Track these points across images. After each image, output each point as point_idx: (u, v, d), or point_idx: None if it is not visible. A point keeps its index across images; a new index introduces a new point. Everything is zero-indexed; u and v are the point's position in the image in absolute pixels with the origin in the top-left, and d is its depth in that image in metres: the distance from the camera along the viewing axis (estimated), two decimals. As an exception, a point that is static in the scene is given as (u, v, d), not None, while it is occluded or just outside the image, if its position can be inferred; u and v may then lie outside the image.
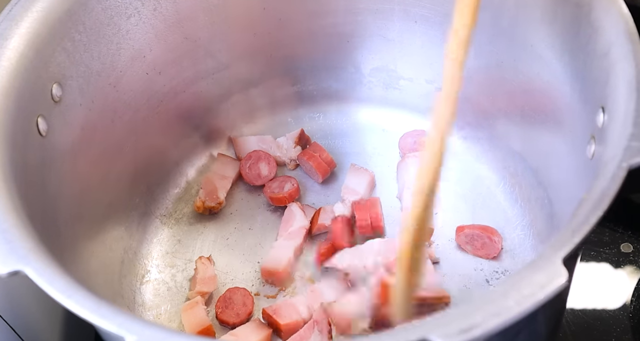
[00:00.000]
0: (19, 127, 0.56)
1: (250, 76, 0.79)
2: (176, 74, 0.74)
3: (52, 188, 0.60)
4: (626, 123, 0.48)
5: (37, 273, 0.47)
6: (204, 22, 0.73)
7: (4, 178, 0.53)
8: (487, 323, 0.42)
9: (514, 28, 0.66)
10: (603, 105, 0.53)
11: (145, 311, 0.71)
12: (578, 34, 0.57)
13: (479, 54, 0.71)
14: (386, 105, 0.81)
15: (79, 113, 0.64)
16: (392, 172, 0.79)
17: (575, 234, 0.45)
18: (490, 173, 0.77)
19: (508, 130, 0.74)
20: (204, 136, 0.80)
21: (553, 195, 0.68)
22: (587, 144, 0.56)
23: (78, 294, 0.47)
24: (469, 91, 0.75)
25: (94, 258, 0.67)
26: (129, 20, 0.68)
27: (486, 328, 0.42)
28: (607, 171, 0.47)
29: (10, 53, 0.58)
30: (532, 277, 0.44)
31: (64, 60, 0.62)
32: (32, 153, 0.57)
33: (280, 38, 0.76)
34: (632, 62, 0.51)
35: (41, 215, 0.56)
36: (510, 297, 0.43)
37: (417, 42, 0.75)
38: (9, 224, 0.50)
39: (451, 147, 0.77)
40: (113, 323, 0.45)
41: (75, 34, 0.63)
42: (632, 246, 0.75)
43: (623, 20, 0.54)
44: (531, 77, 0.67)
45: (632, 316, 0.71)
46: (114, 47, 0.67)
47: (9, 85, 0.57)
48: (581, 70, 0.58)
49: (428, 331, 0.42)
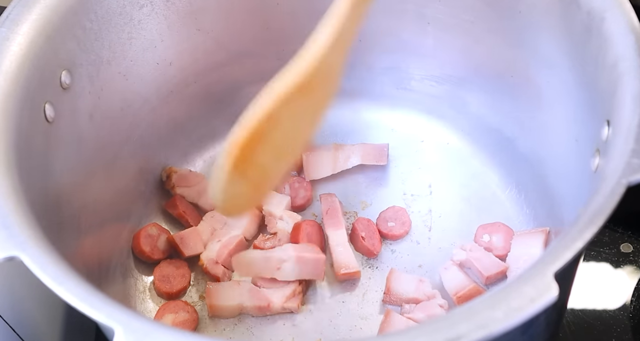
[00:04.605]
0: (25, 112, 0.57)
1: (262, 69, 0.78)
2: (187, 65, 0.74)
3: (56, 175, 0.60)
4: (628, 138, 0.48)
5: (32, 260, 0.48)
6: (217, 14, 0.73)
7: (7, 163, 0.53)
8: (473, 335, 0.42)
9: (526, 34, 0.65)
10: (609, 118, 0.52)
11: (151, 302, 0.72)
12: (589, 44, 0.56)
13: (491, 61, 0.71)
14: (396, 105, 0.81)
15: (88, 101, 0.65)
16: (399, 171, 0.78)
17: (568, 249, 0.44)
18: (496, 178, 0.76)
19: (516, 136, 0.73)
20: (213, 127, 0.80)
21: (560, 203, 0.67)
22: (592, 157, 0.55)
23: (70, 282, 0.47)
24: (479, 96, 0.75)
25: (98, 247, 0.68)
26: (142, 10, 0.68)
27: (471, 339, 0.42)
28: (606, 186, 0.47)
29: (20, 38, 0.58)
30: (522, 290, 0.44)
31: (74, 48, 0.62)
32: (37, 140, 0.58)
33: (292, 33, 0.76)
34: (639, 76, 0.50)
35: (44, 202, 0.56)
36: (499, 309, 0.43)
37: (430, 43, 0.74)
38: (9, 209, 0.50)
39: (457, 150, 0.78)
40: (102, 313, 0.45)
41: (86, 22, 0.63)
42: (632, 246, 0.75)
43: (633, 33, 0.53)
44: (541, 85, 0.66)
45: (632, 317, 0.71)
46: (125, 37, 0.67)
47: (17, 70, 0.57)
48: (590, 81, 0.57)
49: (413, 339, 0.42)
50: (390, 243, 0.74)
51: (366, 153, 0.78)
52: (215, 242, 0.73)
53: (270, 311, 0.69)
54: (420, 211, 0.76)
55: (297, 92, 0.54)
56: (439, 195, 0.77)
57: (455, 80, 0.76)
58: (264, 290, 0.69)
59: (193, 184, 0.77)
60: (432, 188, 0.77)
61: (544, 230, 0.68)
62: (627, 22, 0.54)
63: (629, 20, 0.54)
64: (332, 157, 0.78)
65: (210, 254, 0.72)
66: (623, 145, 0.48)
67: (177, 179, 0.77)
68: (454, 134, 0.79)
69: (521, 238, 0.70)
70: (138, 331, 0.44)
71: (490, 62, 0.71)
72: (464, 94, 0.77)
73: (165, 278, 0.72)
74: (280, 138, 0.56)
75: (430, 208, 0.76)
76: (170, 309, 0.70)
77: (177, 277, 0.72)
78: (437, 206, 0.76)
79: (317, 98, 0.57)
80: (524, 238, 0.69)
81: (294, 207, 0.77)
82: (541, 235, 0.68)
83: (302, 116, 0.56)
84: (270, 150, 0.56)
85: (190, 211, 0.76)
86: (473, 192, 0.76)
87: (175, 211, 0.76)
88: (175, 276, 0.72)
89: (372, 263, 0.73)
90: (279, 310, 0.69)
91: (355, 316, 0.70)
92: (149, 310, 0.72)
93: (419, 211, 0.76)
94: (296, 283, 0.70)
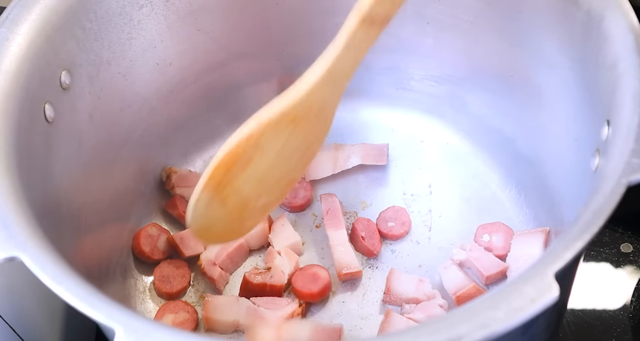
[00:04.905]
0: (25, 112, 0.57)
1: (261, 70, 0.79)
2: (187, 65, 0.74)
3: (56, 175, 0.60)
4: (628, 138, 0.48)
5: (32, 260, 0.48)
6: (217, 14, 0.73)
7: (7, 164, 0.53)
8: (474, 335, 0.42)
9: (526, 34, 0.65)
10: (608, 118, 0.52)
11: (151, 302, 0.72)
12: (588, 44, 0.56)
13: (491, 61, 0.71)
14: (396, 105, 0.81)
15: (87, 101, 0.65)
16: (399, 171, 0.78)
17: (568, 249, 0.44)
18: (496, 178, 0.76)
19: (516, 136, 0.73)
20: (213, 127, 0.80)
21: (560, 203, 0.67)
22: (592, 157, 0.55)
23: (70, 282, 0.47)
24: (479, 95, 0.75)
25: (98, 247, 0.67)
26: (141, 11, 0.68)
27: (472, 339, 0.42)
28: (606, 186, 0.47)
29: (20, 39, 0.58)
30: (523, 290, 0.44)
31: (74, 48, 0.62)
32: (37, 140, 0.58)
33: (292, 33, 0.76)
34: (638, 76, 0.50)
35: (44, 202, 0.56)
36: (499, 309, 0.43)
37: (429, 43, 0.74)
38: (9, 209, 0.50)
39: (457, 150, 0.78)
40: (102, 313, 0.45)
41: (86, 22, 0.63)
42: (632, 246, 0.75)
43: (633, 33, 0.53)
44: (541, 85, 0.66)
45: (633, 317, 0.71)
46: (125, 37, 0.67)
47: (17, 70, 0.57)
48: (590, 80, 0.57)
49: (413, 339, 0.42)
50: (390, 243, 0.74)
51: (366, 153, 0.78)
52: (216, 243, 0.73)
53: None
54: (420, 211, 0.76)
55: (284, 121, 0.55)
56: (439, 195, 0.77)
57: (455, 80, 0.76)
58: (262, 309, 0.68)
59: (193, 184, 0.76)
60: (432, 188, 0.77)
61: (544, 230, 0.68)
62: (627, 22, 0.53)
63: (628, 20, 0.54)
64: (332, 157, 0.78)
65: (210, 255, 0.72)
66: (623, 145, 0.48)
67: (177, 179, 0.77)
68: (454, 134, 0.79)
69: (521, 238, 0.70)
70: (138, 331, 0.44)
71: (490, 62, 0.71)
72: (464, 94, 0.77)
73: (165, 279, 0.72)
74: (264, 169, 0.57)
75: (430, 208, 0.76)
76: (170, 309, 0.70)
77: (177, 277, 0.72)
78: (437, 206, 0.76)
79: (305, 135, 0.57)
80: (524, 238, 0.69)
81: (294, 207, 0.76)
82: (541, 235, 0.68)
83: (289, 152, 0.57)
84: (253, 180, 0.57)
85: (190, 211, 0.76)
86: (473, 192, 0.76)
87: (175, 211, 0.76)
88: (175, 277, 0.72)
89: (372, 263, 0.73)
90: None
91: (355, 316, 0.70)
92: (149, 310, 0.72)
93: (419, 211, 0.76)
94: (296, 304, 0.69)
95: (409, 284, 0.69)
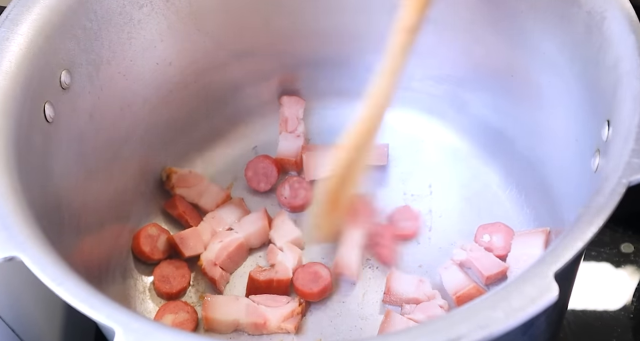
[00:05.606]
0: (25, 112, 0.57)
1: (261, 70, 0.79)
2: (187, 65, 0.74)
3: (55, 175, 0.60)
4: (628, 138, 0.48)
5: (31, 260, 0.48)
6: (217, 14, 0.73)
7: (7, 163, 0.53)
8: (474, 335, 0.42)
9: (526, 34, 0.65)
10: (609, 118, 0.52)
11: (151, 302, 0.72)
12: (589, 44, 0.56)
13: (491, 60, 0.71)
14: (396, 105, 0.80)
15: (87, 100, 0.65)
16: (399, 171, 0.78)
17: (569, 249, 0.44)
18: (497, 178, 0.76)
19: (516, 137, 0.73)
20: (213, 127, 0.80)
21: (560, 203, 0.67)
22: (592, 157, 0.55)
23: (69, 282, 0.47)
24: (479, 95, 0.75)
25: (98, 247, 0.67)
26: (141, 10, 0.68)
27: (472, 339, 0.42)
28: (607, 186, 0.47)
29: (20, 38, 0.58)
30: (523, 290, 0.44)
31: (74, 48, 0.62)
32: (37, 139, 0.58)
33: (292, 34, 0.76)
34: (639, 76, 0.50)
35: (43, 202, 0.56)
36: (499, 309, 0.43)
37: (429, 43, 0.74)
38: (8, 210, 0.50)
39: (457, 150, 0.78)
40: (102, 313, 0.45)
41: (86, 21, 0.63)
42: (633, 246, 0.75)
43: (634, 33, 0.53)
44: (542, 85, 0.66)
45: (633, 317, 0.71)
46: (125, 36, 0.67)
47: (17, 70, 0.57)
48: (591, 81, 0.57)
49: (413, 339, 0.42)
50: (390, 244, 0.74)
51: (366, 153, 0.78)
52: (216, 243, 0.73)
53: (266, 330, 0.68)
54: (421, 211, 0.76)
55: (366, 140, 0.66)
56: (439, 195, 0.77)
57: (455, 79, 0.76)
58: (262, 307, 0.68)
59: (193, 185, 0.77)
60: (432, 188, 0.77)
61: (544, 230, 0.68)
62: (628, 22, 0.54)
63: (629, 20, 0.54)
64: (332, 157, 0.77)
65: (210, 255, 0.72)
66: (623, 145, 0.48)
67: (177, 179, 0.77)
68: (454, 134, 0.79)
69: (521, 238, 0.70)
70: (138, 332, 0.44)
71: (490, 62, 0.71)
72: (464, 94, 0.77)
73: (165, 279, 0.71)
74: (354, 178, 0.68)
75: (431, 208, 0.76)
76: (170, 309, 0.70)
77: (177, 277, 0.72)
78: (437, 206, 0.76)
79: None
80: (525, 238, 0.69)
81: (294, 207, 0.76)
82: (541, 235, 0.68)
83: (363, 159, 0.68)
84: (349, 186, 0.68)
85: (190, 211, 0.76)
86: (473, 192, 0.76)
87: (175, 211, 0.76)
88: (175, 277, 0.72)
89: (372, 263, 0.73)
90: (275, 329, 0.68)
91: (355, 316, 0.70)
92: (149, 310, 0.71)
93: (419, 211, 0.76)
94: (296, 303, 0.69)
95: (409, 284, 0.69)
